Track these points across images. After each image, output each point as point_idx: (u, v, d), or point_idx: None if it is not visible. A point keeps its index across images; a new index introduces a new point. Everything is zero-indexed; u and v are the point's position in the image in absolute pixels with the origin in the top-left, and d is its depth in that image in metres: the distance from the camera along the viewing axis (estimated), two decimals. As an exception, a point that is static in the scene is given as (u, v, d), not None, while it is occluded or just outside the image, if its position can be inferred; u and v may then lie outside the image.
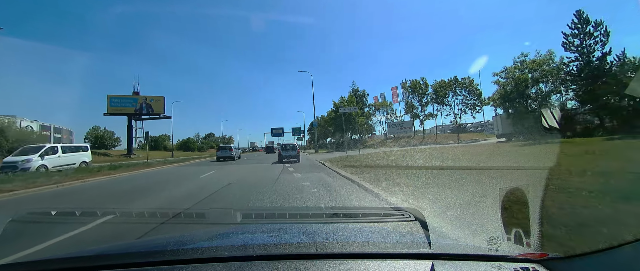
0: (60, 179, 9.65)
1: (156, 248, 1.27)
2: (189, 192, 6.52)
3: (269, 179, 8.33)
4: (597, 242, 2.20)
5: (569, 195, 3.65)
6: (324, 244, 1.26)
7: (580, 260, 1.01)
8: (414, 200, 4.35)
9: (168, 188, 7.53)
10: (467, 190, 4.66)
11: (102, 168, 14.21)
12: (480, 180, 5.50)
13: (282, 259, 0.99)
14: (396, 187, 5.68)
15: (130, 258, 1.09)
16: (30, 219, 3.34)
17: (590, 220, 2.72)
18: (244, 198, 5.51)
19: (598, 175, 4.92)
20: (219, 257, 1.02)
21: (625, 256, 1.02)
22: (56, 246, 2.96)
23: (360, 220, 2.38)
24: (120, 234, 3.31)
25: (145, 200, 5.88)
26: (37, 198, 6.85)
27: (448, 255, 1.06)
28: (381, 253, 1.08)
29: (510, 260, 1.00)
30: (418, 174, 7.20)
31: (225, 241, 1.46)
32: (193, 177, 9.95)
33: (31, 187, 7.98)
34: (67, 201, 6.37)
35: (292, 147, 18.06)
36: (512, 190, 3.04)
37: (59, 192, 7.93)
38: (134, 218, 3.66)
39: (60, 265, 1.07)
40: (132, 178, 10.97)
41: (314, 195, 5.47)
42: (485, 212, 3.28)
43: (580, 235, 2.35)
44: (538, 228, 1.94)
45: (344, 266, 0.95)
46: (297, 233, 1.70)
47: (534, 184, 5.10)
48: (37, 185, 8.32)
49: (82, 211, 3.78)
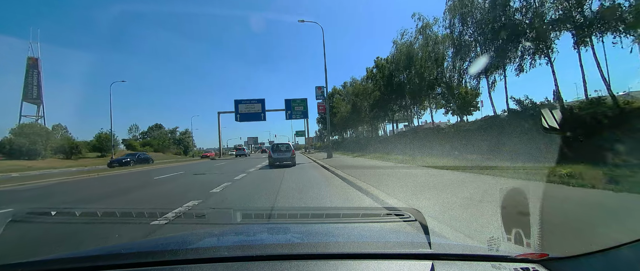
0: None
1: (156, 248, 1.27)
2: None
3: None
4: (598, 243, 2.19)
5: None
6: (323, 244, 1.26)
7: (581, 260, 1.01)
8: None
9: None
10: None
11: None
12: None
13: (282, 259, 0.99)
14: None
15: (130, 258, 1.09)
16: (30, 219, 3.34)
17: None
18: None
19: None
20: (218, 257, 1.02)
21: (625, 257, 1.02)
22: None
23: (360, 220, 2.38)
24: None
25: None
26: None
27: (448, 255, 1.06)
28: (381, 254, 1.08)
29: (510, 260, 1.00)
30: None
31: (225, 241, 1.46)
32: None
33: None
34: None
35: (287, 148, 15.24)
36: (512, 190, 3.03)
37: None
38: (133, 218, 3.66)
39: (60, 265, 1.07)
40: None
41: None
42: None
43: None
44: (538, 228, 1.94)
45: (344, 267, 0.95)
46: (297, 233, 1.70)
47: (535, 184, 5.11)
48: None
49: (82, 212, 3.78)
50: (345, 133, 47.15)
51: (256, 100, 34.38)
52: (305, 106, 33.30)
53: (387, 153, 18.07)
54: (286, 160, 14.45)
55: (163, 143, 57.24)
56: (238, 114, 33.77)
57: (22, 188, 10.03)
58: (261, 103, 34.15)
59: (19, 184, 10.89)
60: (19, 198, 7.70)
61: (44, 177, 14.64)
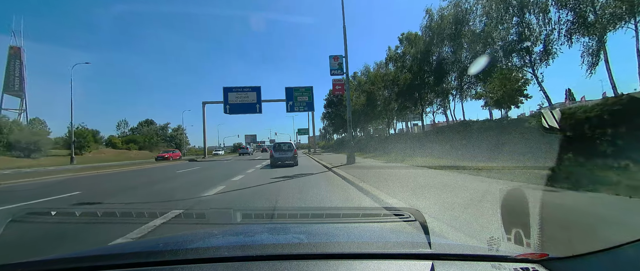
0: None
1: (156, 248, 1.27)
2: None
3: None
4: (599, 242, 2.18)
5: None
6: (323, 244, 1.26)
7: (581, 260, 1.01)
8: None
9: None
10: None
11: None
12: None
13: (282, 259, 0.99)
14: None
15: (130, 258, 1.09)
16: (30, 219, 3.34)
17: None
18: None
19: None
20: (219, 257, 1.02)
21: (626, 256, 1.02)
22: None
23: (360, 220, 2.38)
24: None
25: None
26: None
27: (448, 255, 1.07)
28: (381, 253, 1.08)
29: (510, 260, 1.00)
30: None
31: (225, 241, 1.46)
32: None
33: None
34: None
35: (289, 147, 15.15)
36: (512, 190, 3.04)
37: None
38: (133, 218, 3.67)
39: (60, 265, 1.07)
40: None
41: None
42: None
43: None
44: (538, 228, 1.94)
45: (344, 267, 0.95)
46: (297, 233, 1.70)
47: (535, 183, 5.11)
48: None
49: (82, 212, 3.79)
50: (354, 132, 42.77)
51: (250, 88, 28.15)
52: (311, 96, 28.08)
53: (438, 156, 13.33)
54: (288, 159, 14.31)
55: (150, 140, 51.69)
56: (228, 105, 27.72)
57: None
58: (256, 92, 27.97)
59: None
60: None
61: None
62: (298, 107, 28.52)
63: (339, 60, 15.47)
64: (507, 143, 11.46)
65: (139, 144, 48.61)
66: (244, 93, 28.11)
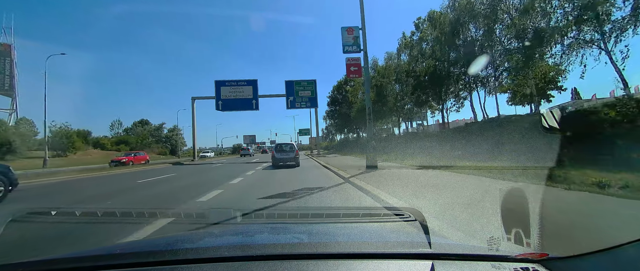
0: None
1: (156, 248, 1.27)
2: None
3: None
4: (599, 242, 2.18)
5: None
6: (323, 244, 1.26)
7: (581, 260, 1.00)
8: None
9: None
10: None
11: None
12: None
13: (282, 259, 0.99)
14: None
15: (130, 258, 1.09)
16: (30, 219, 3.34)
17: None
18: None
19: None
20: (219, 257, 1.02)
21: (626, 256, 1.02)
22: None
23: (360, 220, 2.38)
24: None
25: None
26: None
27: (448, 255, 1.07)
28: (381, 253, 1.08)
29: (510, 260, 1.00)
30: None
31: (225, 241, 1.46)
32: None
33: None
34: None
35: (290, 148, 15.22)
36: (512, 190, 3.04)
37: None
38: (134, 218, 3.67)
39: (60, 265, 1.07)
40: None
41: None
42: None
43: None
44: (538, 227, 1.94)
45: (344, 266, 0.95)
46: (297, 233, 1.70)
47: (535, 183, 5.11)
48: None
49: (82, 212, 3.79)
50: (354, 132, 37.33)
51: (245, 81, 25.03)
52: (314, 90, 25.24)
53: (484, 159, 10.10)
54: (290, 160, 14.46)
55: (143, 141, 49.25)
56: (220, 101, 24.58)
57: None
58: (252, 86, 24.90)
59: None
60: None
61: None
62: (299, 103, 25.53)
63: (354, 33, 11.95)
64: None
65: (131, 145, 45.30)
66: (239, 87, 24.93)
